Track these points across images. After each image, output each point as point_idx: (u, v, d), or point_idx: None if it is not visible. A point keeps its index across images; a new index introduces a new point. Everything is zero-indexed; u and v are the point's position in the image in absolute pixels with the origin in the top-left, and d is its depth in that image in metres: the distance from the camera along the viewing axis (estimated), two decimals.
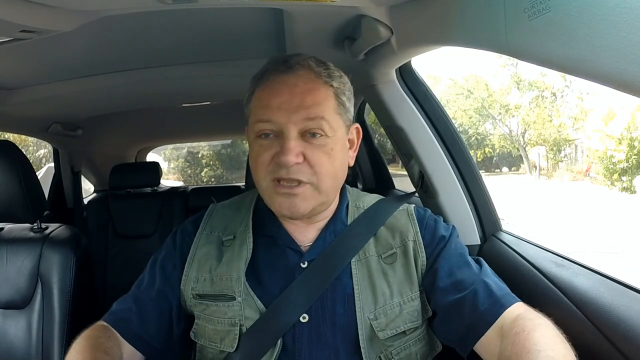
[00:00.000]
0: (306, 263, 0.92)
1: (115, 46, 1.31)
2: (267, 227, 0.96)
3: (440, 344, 0.95)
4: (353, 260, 0.92)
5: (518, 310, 0.82)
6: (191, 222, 1.03)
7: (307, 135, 0.86)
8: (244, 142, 10.38)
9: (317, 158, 0.86)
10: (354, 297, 0.90)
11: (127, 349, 0.91)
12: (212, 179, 16.54)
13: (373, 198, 1.04)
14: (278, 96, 0.86)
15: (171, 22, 1.15)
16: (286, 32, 1.22)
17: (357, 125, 0.98)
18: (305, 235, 0.96)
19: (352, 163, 0.97)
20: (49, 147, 2.91)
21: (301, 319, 0.88)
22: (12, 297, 1.31)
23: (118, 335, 0.91)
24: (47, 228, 1.42)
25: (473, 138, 28.80)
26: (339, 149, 0.90)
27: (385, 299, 0.90)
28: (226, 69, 1.59)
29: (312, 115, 0.85)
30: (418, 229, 0.96)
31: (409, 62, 1.27)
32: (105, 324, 0.93)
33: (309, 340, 0.88)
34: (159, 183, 2.94)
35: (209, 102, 2.41)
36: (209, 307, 0.92)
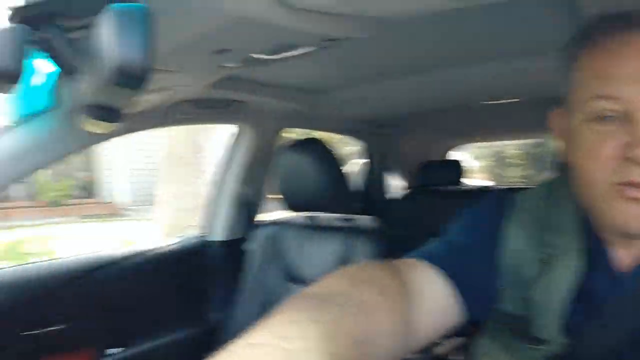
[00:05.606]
0: (622, 294, 0.65)
1: (417, 48, 1.32)
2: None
3: None
4: None
5: None
6: (493, 205, 0.79)
7: None
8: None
9: None
10: None
11: (429, 299, 0.65)
12: (516, 179, 15.43)
13: None
14: (626, 62, 0.59)
15: (466, 23, 1.08)
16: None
17: None
18: (620, 258, 0.67)
19: None
20: (353, 145, 3.22)
21: None
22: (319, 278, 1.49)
23: (419, 282, 0.65)
24: (354, 219, 1.57)
25: None
26: None
27: None
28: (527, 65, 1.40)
29: None
30: None
31: None
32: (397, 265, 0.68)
33: None
34: (460, 181, 2.89)
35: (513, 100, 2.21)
36: (503, 332, 0.71)
